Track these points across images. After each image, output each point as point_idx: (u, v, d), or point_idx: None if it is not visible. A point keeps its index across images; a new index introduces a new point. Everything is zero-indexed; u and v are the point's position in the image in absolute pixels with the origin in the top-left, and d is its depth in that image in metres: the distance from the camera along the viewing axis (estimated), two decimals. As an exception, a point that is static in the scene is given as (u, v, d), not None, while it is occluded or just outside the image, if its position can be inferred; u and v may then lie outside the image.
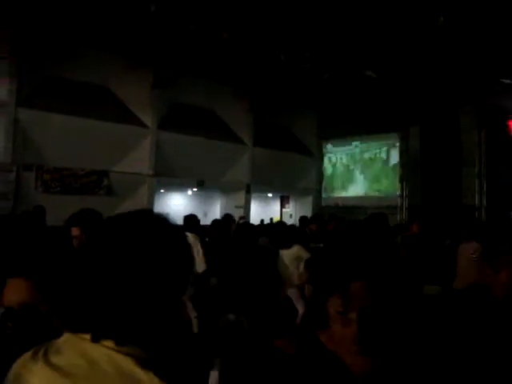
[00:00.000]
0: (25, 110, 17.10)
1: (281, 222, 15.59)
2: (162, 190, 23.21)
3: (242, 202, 24.17)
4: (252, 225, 9.09)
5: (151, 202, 20.51)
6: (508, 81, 17.50)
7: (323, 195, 27.72)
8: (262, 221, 22.57)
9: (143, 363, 1.44)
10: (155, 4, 13.78)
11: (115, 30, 16.35)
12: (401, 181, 23.95)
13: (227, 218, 10.71)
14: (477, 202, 20.95)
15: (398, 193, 23.98)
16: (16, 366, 1.58)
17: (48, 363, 1.51)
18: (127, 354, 1.45)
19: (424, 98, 20.58)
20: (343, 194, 26.81)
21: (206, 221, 18.29)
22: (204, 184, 22.58)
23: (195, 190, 24.32)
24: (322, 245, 8.70)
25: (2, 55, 16.61)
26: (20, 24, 16.18)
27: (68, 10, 14.87)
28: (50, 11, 14.87)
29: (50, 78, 17.81)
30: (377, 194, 25.18)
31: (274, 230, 8.99)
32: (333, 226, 9.37)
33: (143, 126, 20.37)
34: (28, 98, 17.20)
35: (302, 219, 12.42)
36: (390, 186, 24.66)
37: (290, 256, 8.04)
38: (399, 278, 1.88)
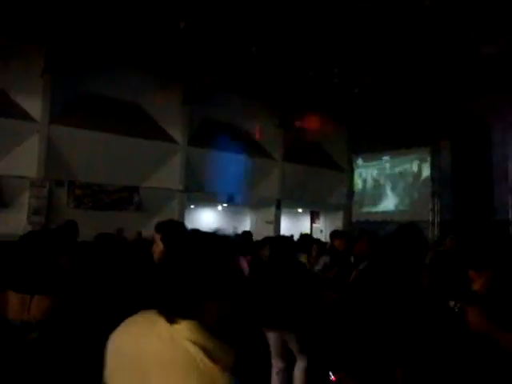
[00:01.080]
0: (57, 127, 17.38)
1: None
2: (192, 206, 23.27)
3: (271, 217, 24.12)
4: (291, 239, 9.06)
5: (181, 217, 20.55)
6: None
7: (354, 210, 27.50)
8: (292, 236, 22.46)
9: (200, 334, 1.78)
10: (185, 21, 13.90)
11: (146, 48, 16.53)
12: (432, 195, 23.65)
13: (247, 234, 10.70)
14: (510, 217, 20.57)
15: (430, 207, 23.69)
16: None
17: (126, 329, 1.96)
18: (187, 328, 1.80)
19: (455, 112, 20.39)
20: (374, 209, 26.57)
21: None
22: (234, 199, 22.58)
23: (225, 205, 24.33)
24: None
25: (35, 73, 16.91)
26: (54, 42, 16.48)
27: (100, 29, 15.07)
28: (82, 29, 15.08)
29: (81, 95, 18.07)
30: (408, 208, 24.88)
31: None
32: (364, 241, 9.23)
33: (173, 142, 20.52)
34: (60, 115, 17.48)
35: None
36: (421, 201, 24.36)
37: None
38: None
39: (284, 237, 8.15)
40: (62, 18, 14.29)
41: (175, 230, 4.01)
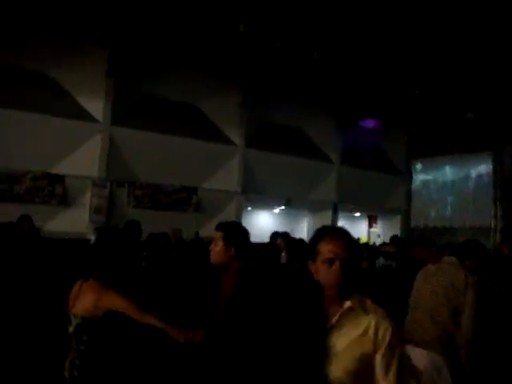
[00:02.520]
0: (119, 129, 17.73)
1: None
2: (249, 208, 23.35)
3: (328, 221, 23.96)
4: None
5: (239, 219, 20.63)
6: None
7: (412, 215, 27.10)
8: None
9: None
10: (244, 24, 13.98)
11: (205, 50, 16.68)
12: (494, 201, 23.12)
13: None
14: None
15: (492, 214, 23.15)
16: None
17: None
18: None
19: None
20: (433, 214, 26.13)
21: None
22: (291, 202, 22.56)
23: (282, 208, 24.32)
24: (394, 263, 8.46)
25: (99, 75, 17.30)
26: (117, 44, 16.81)
27: (161, 31, 15.30)
28: (144, 32, 15.34)
29: (142, 96, 18.39)
30: (468, 214, 24.35)
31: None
32: (419, 250, 9.08)
33: (232, 144, 20.65)
34: (122, 117, 17.82)
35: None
36: (482, 207, 23.81)
37: None
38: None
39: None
40: (125, 20, 14.56)
41: (237, 230, 4.05)
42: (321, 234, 2.50)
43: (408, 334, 4.66)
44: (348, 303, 2.37)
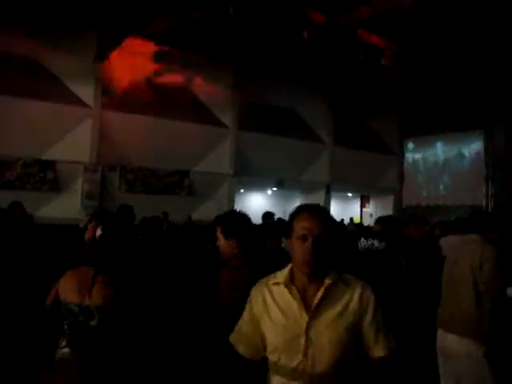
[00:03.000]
0: (108, 112, 17.66)
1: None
2: (241, 190, 23.37)
3: (321, 201, 23.98)
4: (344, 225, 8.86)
5: (231, 201, 20.68)
6: None
7: (404, 195, 27.16)
8: (342, 220, 22.35)
9: None
10: (234, 6, 13.89)
11: (196, 31, 16.56)
12: (486, 180, 23.19)
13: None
14: None
15: (483, 192, 23.24)
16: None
17: None
18: None
19: (509, 96, 19.83)
20: (425, 193, 26.20)
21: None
22: (284, 184, 22.58)
23: (275, 189, 24.33)
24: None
25: (88, 59, 17.18)
26: (104, 28, 16.62)
27: (151, 12, 15.16)
28: (131, 14, 15.18)
29: (133, 80, 18.29)
30: (460, 193, 24.41)
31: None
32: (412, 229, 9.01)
33: (223, 126, 20.59)
34: (112, 101, 17.71)
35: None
36: (474, 186, 23.87)
37: None
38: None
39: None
40: (112, 2, 14.43)
41: (235, 222, 3.91)
42: (296, 211, 2.53)
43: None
44: (327, 281, 2.39)
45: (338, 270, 2.47)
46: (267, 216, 9.42)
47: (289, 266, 2.50)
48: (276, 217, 9.84)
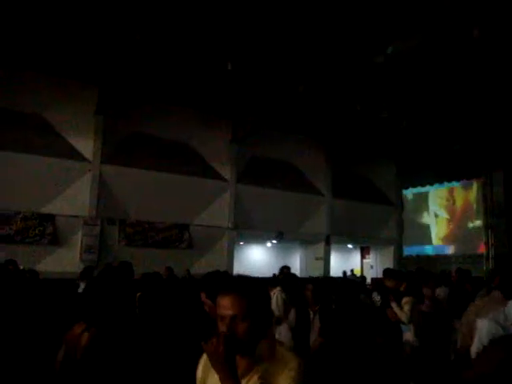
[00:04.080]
0: (109, 166, 17.75)
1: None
2: (241, 243, 23.29)
3: (321, 253, 23.95)
4: (353, 281, 8.71)
5: (231, 254, 20.61)
6: None
7: (404, 245, 27.10)
8: (345, 272, 22.28)
9: None
10: (231, 62, 14.13)
11: (194, 88, 16.82)
12: (486, 228, 23.15)
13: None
14: None
15: (484, 241, 23.17)
16: None
17: None
18: None
19: (507, 142, 20.00)
20: (425, 243, 26.14)
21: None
22: (283, 236, 22.52)
23: (274, 241, 24.27)
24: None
25: (88, 113, 17.37)
26: (105, 83, 16.89)
27: (149, 69, 15.42)
28: (133, 71, 15.44)
29: (131, 134, 18.47)
30: (461, 242, 24.35)
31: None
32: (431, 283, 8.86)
33: (222, 179, 20.68)
34: (111, 155, 17.88)
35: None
36: (474, 234, 23.84)
37: None
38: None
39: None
40: (114, 59, 14.67)
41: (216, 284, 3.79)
42: (220, 289, 2.42)
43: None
44: (256, 352, 2.30)
45: (269, 343, 2.36)
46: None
47: None
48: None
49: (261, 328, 2.34)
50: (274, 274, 13.46)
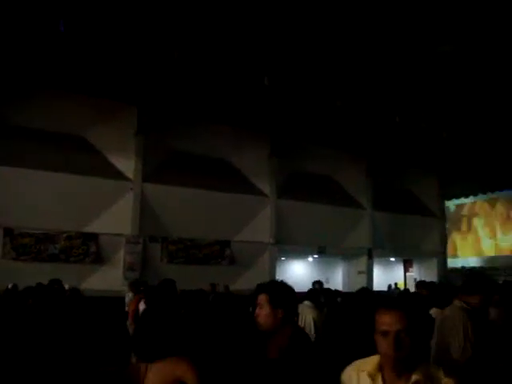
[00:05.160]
0: (150, 185, 17.96)
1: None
2: (283, 258, 23.22)
3: (363, 267, 23.74)
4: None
5: (273, 269, 20.55)
6: None
7: (449, 257, 26.65)
8: (390, 286, 22.05)
9: None
10: (268, 77, 14.18)
11: (232, 104, 16.91)
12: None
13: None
14: None
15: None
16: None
17: None
18: None
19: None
20: (470, 254, 25.67)
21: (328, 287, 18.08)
22: (325, 250, 22.41)
23: (316, 256, 24.13)
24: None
25: (128, 133, 17.63)
26: (144, 103, 17.14)
27: (188, 87, 15.57)
28: (171, 89, 15.62)
29: (172, 152, 18.65)
30: (508, 253, 23.83)
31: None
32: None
33: (262, 195, 20.71)
34: (152, 173, 18.05)
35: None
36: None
37: None
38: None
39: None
40: (153, 78, 14.89)
41: (283, 290, 3.70)
42: (378, 305, 2.43)
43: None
44: (415, 376, 2.26)
45: (428, 363, 2.37)
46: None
47: (378, 356, 2.41)
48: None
49: (419, 347, 2.35)
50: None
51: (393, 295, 18.86)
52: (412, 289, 20.56)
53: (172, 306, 5.82)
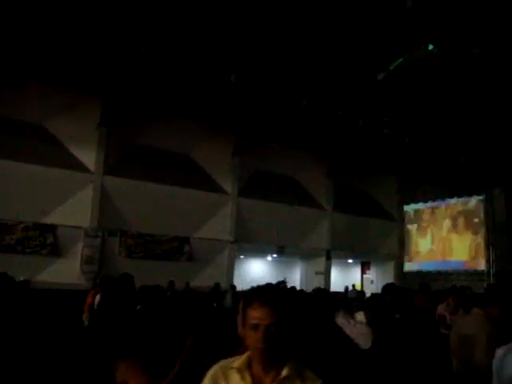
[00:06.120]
0: (111, 178, 17.78)
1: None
2: (242, 256, 23.24)
3: (322, 267, 23.92)
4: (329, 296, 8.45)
5: (231, 267, 20.58)
6: None
7: (405, 260, 26.98)
8: (347, 287, 22.26)
9: None
10: (236, 75, 14.18)
11: (197, 100, 16.87)
12: (487, 245, 23.07)
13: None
14: None
15: (485, 257, 23.10)
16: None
17: None
18: None
19: (507, 158, 20.03)
20: (426, 259, 26.03)
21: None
22: (284, 250, 22.50)
23: (275, 255, 24.22)
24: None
25: (91, 125, 17.43)
26: (109, 95, 16.96)
27: (153, 82, 15.49)
28: (136, 82, 15.51)
29: (134, 146, 18.52)
30: (462, 259, 24.26)
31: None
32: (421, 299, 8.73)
33: (224, 192, 20.71)
34: (114, 166, 17.89)
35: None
36: (475, 251, 23.75)
37: None
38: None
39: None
40: (118, 71, 14.73)
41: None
42: (248, 299, 2.41)
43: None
44: (284, 372, 2.27)
45: (297, 361, 2.36)
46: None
47: (247, 353, 2.38)
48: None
49: (290, 342, 2.35)
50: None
51: (350, 296, 19.11)
52: (368, 291, 20.86)
53: (128, 302, 5.80)
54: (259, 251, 23.36)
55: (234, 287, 18.56)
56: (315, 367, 2.39)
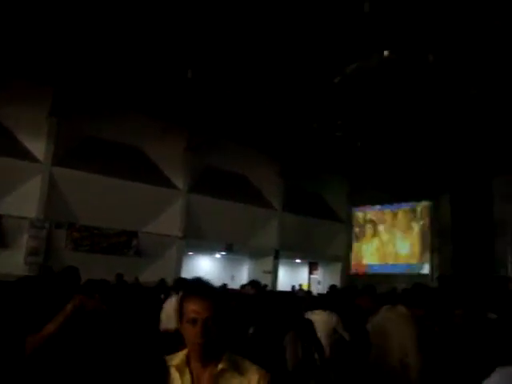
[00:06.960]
0: (60, 169, 17.47)
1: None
2: (190, 253, 23.17)
3: (269, 267, 24.03)
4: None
5: (179, 264, 20.50)
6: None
7: (352, 262, 27.35)
8: (293, 287, 22.41)
9: None
10: (192, 70, 14.14)
11: (151, 94, 16.77)
12: (431, 249, 23.58)
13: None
14: (510, 272, 20.37)
15: (429, 262, 23.61)
16: None
17: None
18: None
19: (455, 166, 20.50)
20: (372, 261, 26.45)
21: (233, 285, 18.21)
22: (232, 248, 22.55)
23: (223, 253, 24.24)
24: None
25: (41, 115, 17.12)
26: (61, 85, 16.69)
27: (106, 74, 15.33)
28: (89, 74, 15.33)
29: (85, 138, 18.25)
30: (406, 262, 24.75)
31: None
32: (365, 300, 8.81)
33: (175, 188, 20.61)
34: (63, 157, 17.61)
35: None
36: (420, 255, 24.27)
37: None
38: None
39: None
40: (70, 61, 14.53)
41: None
42: (185, 293, 2.39)
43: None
44: (220, 365, 2.27)
45: (232, 353, 2.37)
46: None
47: (186, 349, 2.35)
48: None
49: (225, 336, 2.34)
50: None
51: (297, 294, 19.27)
52: (315, 291, 21.07)
53: (71, 295, 5.74)
54: (208, 248, 23.32)
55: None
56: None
